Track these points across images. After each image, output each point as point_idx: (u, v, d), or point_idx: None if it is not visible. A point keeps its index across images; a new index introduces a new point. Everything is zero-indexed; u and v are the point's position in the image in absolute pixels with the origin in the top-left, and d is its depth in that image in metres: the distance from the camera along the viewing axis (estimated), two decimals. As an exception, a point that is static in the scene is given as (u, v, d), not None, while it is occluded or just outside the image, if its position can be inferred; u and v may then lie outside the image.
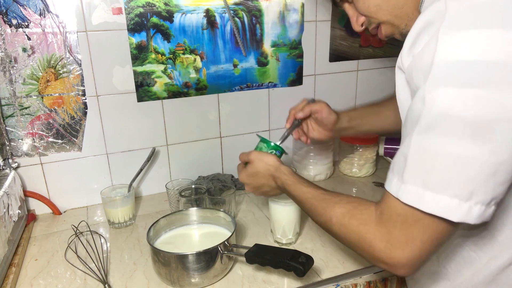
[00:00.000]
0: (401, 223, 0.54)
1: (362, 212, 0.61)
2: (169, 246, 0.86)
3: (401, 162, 0.54)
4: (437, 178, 0.50)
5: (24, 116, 1.05)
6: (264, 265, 0.78)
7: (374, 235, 0.57)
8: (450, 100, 0.48)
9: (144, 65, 1.11)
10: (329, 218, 0.66)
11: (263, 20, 1.20)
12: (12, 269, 0.85)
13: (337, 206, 0.66)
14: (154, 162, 1.22)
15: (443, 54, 0.49)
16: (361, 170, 1.31)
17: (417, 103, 0.52)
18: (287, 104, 1.33)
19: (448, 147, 0.49)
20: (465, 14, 0.49)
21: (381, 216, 0.57)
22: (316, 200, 0.71)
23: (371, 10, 0.72)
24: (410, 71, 0.55)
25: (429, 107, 0.50)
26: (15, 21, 0.98)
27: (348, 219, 0.62)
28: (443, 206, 0.50)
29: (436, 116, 0.50)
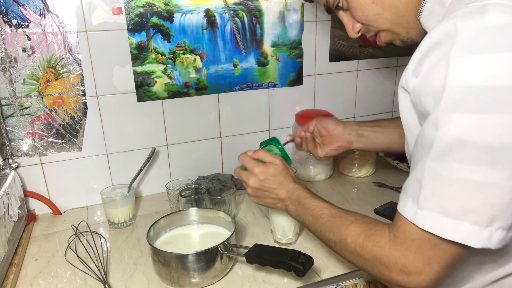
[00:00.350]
0: (416, 247, 0.54)
1: (376, 234, 0.61)
2: (169, 246, 0.86)
3: (415, 187, 0.54)
4: (456, 205, 0.50)
5: (24, 116, 1.05)
6: (264, 265, 0.78)
7: (388, 258, 0.57)
8: (466, 126, 0.48)
9: (144, 65, 1.11)
10: (344, 237, 0.65)
11: (263, 20, 1.20)
12: (12, 269, 0.85)
13: (353, 225, 0.65)
14: (154, 162, 1.22)
15: (456, 79, 0.48)
16: (361, 170, 1.31)
17: (429, 128, 0.51)
18: (287, 104, 1.33)
19: (465, 173, 0.49)
20: (476, 37, 0.48)
21: (395, 239, 0.57)
22: (332, 217, 0.70)
23: (370, 19, 0.71)
24: (416, 93, 0.54)
25: (443, 133, 0.49)
26: (15, 21, 0.98)
27: (363, 240, 0.62)
28: (463, 232, 0.50)
29: (451, 142, 0.49)
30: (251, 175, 0.81)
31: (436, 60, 0.50)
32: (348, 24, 0.75)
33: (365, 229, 0.63)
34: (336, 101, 1.41)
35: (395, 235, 0.57)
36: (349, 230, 0.65)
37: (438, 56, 0.50)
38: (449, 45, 0.49)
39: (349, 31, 0.76)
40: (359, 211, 1.08)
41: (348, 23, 0.75)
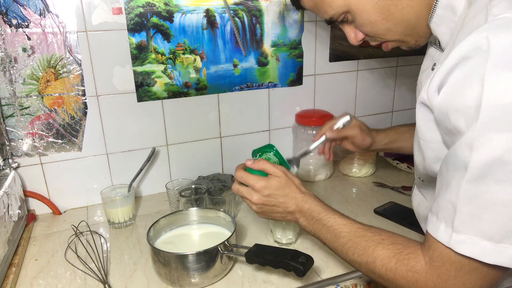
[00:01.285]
0: (456, 271, 0.53)
1: (409, 257, 0.58)
2: (169, 246, 0.86)
3: (449, 210, 0.52)
4: (497, 227, 0.48)
5: (24, 116, 1.05)
6: (264, 265, 0.78)
7: (426, 284, 0.55)
8: (505, 146, 0.45)
9: (144, 65, 1.11)
10: (372, 260, 0.62)
11: (263, 20, 1.20)
12: (12, 269, 0.85)
13: (381, 247, 0.62)
14: (154, 162, 1.22)
15: (493, 97, 0.45)
16: (361, 170, 1.31)
17: (463, 148, 0.49)
18: (287, 104, 1.33)
19: (506, 194, 0.47)
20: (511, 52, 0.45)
21: (431, 263, 0.55)
22: (355, 236, 0.65)
23: (379, 33, 0.69)
24: (443, 110, 0.51)
25: (480, 153, 0.47)
26: (15, 21, 0.98)
27: (395, 264, 0.59)
28: (508, 256, 0.49)
29: (489, 163, 0.47)
30: (253, 192, 0.75)
31: (465, 76, 0.48)
32: (350, 33, 0.73)
33: (396, 252, 0.60)
34: (336, 101, 1.41)
35: (431, 259, 0.55)
36: (377, 253, 0.61)
37: (468, 71, 0.48)
38: (482, 60, 0.46)
39: (351, 40, 0.73)
40: (359, 211, 1.09)
41: (350, 33, 0.73)
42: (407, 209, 1.08)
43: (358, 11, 0.66)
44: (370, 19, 0.66)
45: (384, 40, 0.71)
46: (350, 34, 0.73)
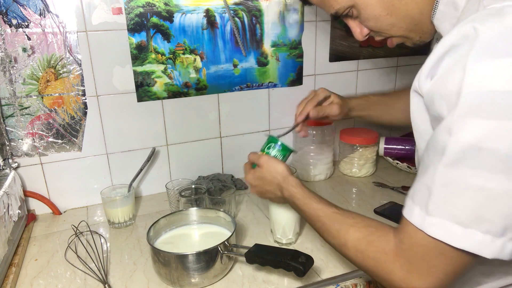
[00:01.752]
0: (423, 254, 0.53)
1: (380, 239, 0.59)
2: (169, 246, 0.86)
3: (424, 193, 0.52)
4: (468, 213, 0.49)
5: (24, 116, 1.05)
6: (264, 265, 0.78)
7: (393, 265, 0.56)
8: (481, 132, 0.46)
9: (144, 65, 1.11)
10: (343, 242, 0.64)
11: (263, 20, 1.20)
12: (12, 269, 0.85)
13: (352, 229, 0.63)
14: (154, 162, 1.22)
15: (473, 84, 0.46)
16: (361, 170, 1.31)
17: (442, 133, 0.50)
18: (287, 104, 1.33)
19: (479, 181, 0.47)
20: (496, 41, 0.46)
21: (400, 245, 0.56)
22: (328, 220, 0.68)
23: (383, 28, 0.70)
24: (430, 96, 0.52)
25: (457, 138, 0.48)
26: (15, 21, 0.98)
27: (365, 246, 0.60)
28: (474, 242, 0.49)
29: (465, 149, 0.47)
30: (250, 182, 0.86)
31: (452, 63, 0.49)
32: (356, 29, 0.73)
33: (366, 234, 0.61)
34: (336, 101, 1.41)
35: (400, 241, 0.56)
36: (349, 235, 0.63)
37: (455, 59, 0.48)
38: (468, 48, 0.47)
39: (356, 35, 0.74)
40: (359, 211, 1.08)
41: (355, 28, 0.73)
42: (407, 209, 1.08)
43: (363, 5, 0.67)
44: (375, 13, 0.67)
45: (388, 35, 0.71)
46: (355, 30, 0.74)
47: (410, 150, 1.32)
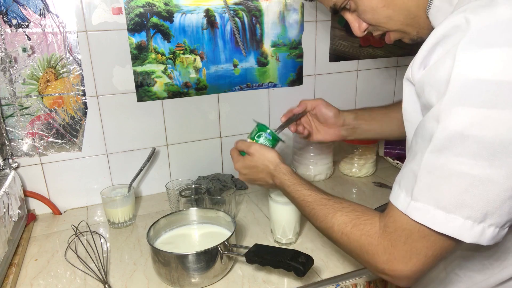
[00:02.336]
0: (405, 237, 0.54)
1: (366, 223, 0.61)
2: (169, 246, 0.86)
3: (410, 178, 0.54)
4: (450, 198, 0.50)
5: (24, 116, 1.05)
6: (264, 265, 0.78)
7: (376, 247, 0.57)
8: (468, 120, 0.47)
9: (144, 65, 1.11)
10: (330, 225, 0.66)
11: (263, 20, 1.20)
12: (12, 269, 0.85)
13: (339, 213, 0.65)
14: (154, 162, 1.22)
15: (462, 72, 0.47)
16: (361, 170, 1.31)
17: (430, 120, 0.51)
18: (287, 104, 1.33)
19: (463, 167, 0.48)
20: (487, 31, 0.47)
21: (385, 228, 0.57)
22: (317, 205, 0.70)
23: (380, 21, 0.69)
24: (421, 84, 0.53)
25: (444, 126, 0.49)
26: (15, 21, 0.98)
27: (351, 228, 0.62)
28: (455, 226, 0.50)
29: (451, 136, 0.48)
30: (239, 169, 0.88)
31: (443, 53, 0.50)
32: (354, 23, 0.74)
33: (352, 217, 0.63)
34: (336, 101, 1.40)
35: (385, 225, 0.57)
36: (336, 219, 0.65)
37: (446, 48, 0.49)
38: (458, 37, 0.48)
39: (355, 30, 0.74)
40: (359, 211, 1.09)
41: (354, 22, 0.74)
42: (407, 209, 1.08)
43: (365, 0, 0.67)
44: (372, 5, 0.67)
45: (385, 29, 0.71)
46: (354, 24, 0.74)
47: (410, 150, 1.32)
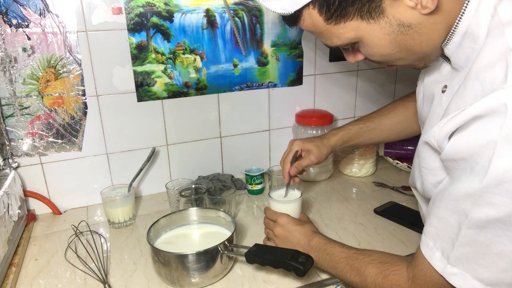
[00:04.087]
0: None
1: (395, 273, 0.65)
2: (169, 246, 0.86)
3: (448, 244, 0.55)
4: (490, 274, 0.51)
5: (24, 116, 1.05)
6: (264, 265, 0.78)
7: None
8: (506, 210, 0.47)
9: (144, 65, 1.11)
10: (363, 278, 0.69)
11: (263, 20, 1.20)
12: (12, 269, 0.85)
13: (370, 266, 0.69)
14: (154, 162, 1.22)
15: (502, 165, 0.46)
16: (361, 170, 1.31)
17: (465, 197, 0.50)
18: (287, 104, 1.33)
19: (504, 248, 0.49)
20: None
21: (414, 279, 0.61)
22: (350, 260, 0.73)
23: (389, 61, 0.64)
24: (453, 157, 0.52)
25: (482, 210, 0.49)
26: (15, 21, 0.98)
27: (382, 279, 0.66)
28: None
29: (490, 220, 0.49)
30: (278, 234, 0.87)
31: (478, 133, 0.48)
32: (350, 56, 0.68)
33: (382, 269, 0.67)
34: (336, 101, 1.41)
35: (415, 276, 0.61)
36: (368, 272, 0.69)
37: (482, 130, 0.48)
38: (497, 125, 0.46)
39: (349, 59, 0.69)
40: (359, 211, 1.09)
41: (349, 56, 0.68)
42: (407, 209, 1.08)
43: (371, 44, 0.60)
44: (383, 53, 0.61)
45: (391, 65, 0.66)
46: (349, 56, 0.69)
47: (410, 150, 1.32)
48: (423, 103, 0.71)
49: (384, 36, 0.57)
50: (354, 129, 1.03)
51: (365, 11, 0.55)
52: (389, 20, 0.56)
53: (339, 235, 0.97)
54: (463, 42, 0.56)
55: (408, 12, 0.54)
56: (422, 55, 0.62)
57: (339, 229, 1.00)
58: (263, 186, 1.21)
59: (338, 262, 0.75)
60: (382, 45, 0.59)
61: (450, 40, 0.57)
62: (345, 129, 1.03)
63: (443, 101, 0.60)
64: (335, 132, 1.03)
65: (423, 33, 0.56)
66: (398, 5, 0.54)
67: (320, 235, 0.83)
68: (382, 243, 0.93)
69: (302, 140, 1.00)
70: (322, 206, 1.12)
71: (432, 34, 0.57)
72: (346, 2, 0.55)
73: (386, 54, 0.61)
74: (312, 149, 0.98)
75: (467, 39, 0.55)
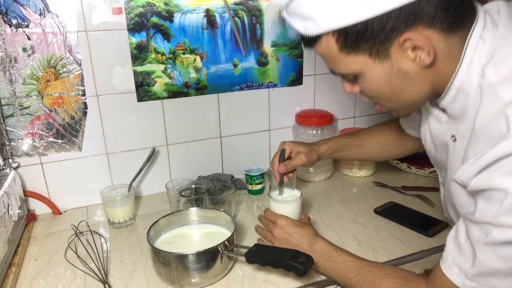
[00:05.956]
0: None
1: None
2: (169, 246, 0.86)
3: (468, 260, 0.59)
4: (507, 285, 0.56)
5: (24, 116, 1.05)
6: (264, 265, 0.78)
7: None
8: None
9: (144, 65, 1.11)
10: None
11: (263, 20, 1.20)
12: (12, 269, 0.85)
13: (386, 280, 0.69)
14: (154, 162, 1.22)
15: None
16: (361, 170, 1.31)
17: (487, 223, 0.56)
18: (287, 104, 1.33)
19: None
20: None
21: None
22: (362, 271, 0.73)
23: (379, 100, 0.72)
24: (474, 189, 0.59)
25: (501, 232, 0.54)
26: (15, 21, 0.98)
27: None
28: None
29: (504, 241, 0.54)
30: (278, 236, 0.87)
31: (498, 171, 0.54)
32: (347, 85, 0.74)
33: (399, 284, 0.68)
34: (336, 101, 1.41)
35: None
36: (383, 286, 0.69)
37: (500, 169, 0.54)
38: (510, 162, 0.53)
39: (345, 89, 0.75)
40: (359, 211, 1.09)
41: (347, 85, 0.74)
42: (407, 209, 1.08)
43: (371, 79, 0.67)
44: (379, 90, 0.68)
45: (380, 105, 0.74)
46: (346, 86, 0.74)
47: (410, 150, 1.32)
48: (435, 149, 0.79)
49: (384, 76, 0.65)
50: (343, 142, 1.07)
51: (375, 51, 0.63)
52: (392, 64, 0.63)
53: (339, 235, 0.97)
54: (457, 96, 0.64)
55: (408, 61, 0.62)
56: (409, 103, 0.70)
57: (339, 229, 1.00)
58: (263, 186, 1.21)
59: (347, 271, 0.75)
60: (380, 83, 0.66)
61: (446, 95, 0.66)
62: (334, 140, 1.07)
63: (457, 148, 0.68)
64: (325, 141, 1.07)
65: (416, 82, 0.65)
66: (402, 53, 0.62)
67: (322, 239, 0.83)
68: (382, 243, 0.93)
69: (293, 142, 1.03)
70: (322, 206, 1.12)
71: (423, 85, 0.65)
72: (361, 39, 0.62)
73: (380, 92, 0.68)
74: (302, 151, 1.00)
75: (461, 94, 0.64)
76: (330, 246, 0.81)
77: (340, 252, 0.79)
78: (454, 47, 0.62)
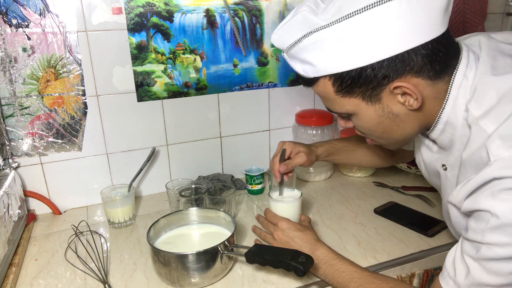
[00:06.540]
0: None
1: None
2: (169, 246, 0.86)
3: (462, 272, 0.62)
4: None
5: (24, 116, 1.05)
6: (264, 265, 0.78)
7: None
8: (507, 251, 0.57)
9: (144, 65, 1.11)
10: None
11: (263, 20, 1.20)
12: (12, 269, 0.85)
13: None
14: (154, 162, 1.22)
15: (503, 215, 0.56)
16: (361, 170, 1.31)
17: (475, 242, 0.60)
18: (287, 104, 1.33)
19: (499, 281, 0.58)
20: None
21: None
22: (365, 282, 0.73)
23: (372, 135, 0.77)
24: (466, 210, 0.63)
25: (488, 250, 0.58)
26: (15, 21, 0.98)
27: None
28: None
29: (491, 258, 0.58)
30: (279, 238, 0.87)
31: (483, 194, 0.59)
32: (342, 121, 0.78)
33: None
34: (336, 101, 1.41)
35: None
36: None
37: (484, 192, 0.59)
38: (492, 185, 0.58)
39: (340, 123, 0.79)
40: (359, 211, 1.09)
41: (342, 120, 0.78)
42: (407, 209, 1.08)
43: (363, 119, 0.72)
44: (370, 128, 0.74)
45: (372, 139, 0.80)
46: (341, 121, 0.79)
47: (410, 150, 1.32)
48: (429, 175, 0.85)
49: (375, 117, 0.71)
50: (339, 145, 1.10)
51: (368, 95, 0.68)
52: (383, 107, 0.69)
53: (339, 235, 0.97)
54: (445, 129, 0.70)
55: (398, 105, 0.68)
56: (398, 140, 0.76)
57: (339, 229, 1.00)
58: (263, 186, 1.21)
59: (349, 281, 0.75)
60: (371, 123, 0.72)
61: (435, 128, 0.71)
62: (330, 143, 1.10)
63: (448, 176, 0.73)
64: (322, 143, 1.09)
65: (406, 122, 0.70)
66: (392, 98, 0.67)
67: (324, 245, 0.83)
68: (382, 243, 0.93)
69: (293, 142, 1.04)
70: (322, 206, 1.12)
71: (412, 124, 0.71)
72: (355, 84, 0.67)
73: (372, 130, 0.75)
74: (302, 150, 1.01)
75: (448, 127, 0.69)
76: (332, 253, 0.81)
77: (343, 260, 0.79)
78: (440, 90, 0.67)
